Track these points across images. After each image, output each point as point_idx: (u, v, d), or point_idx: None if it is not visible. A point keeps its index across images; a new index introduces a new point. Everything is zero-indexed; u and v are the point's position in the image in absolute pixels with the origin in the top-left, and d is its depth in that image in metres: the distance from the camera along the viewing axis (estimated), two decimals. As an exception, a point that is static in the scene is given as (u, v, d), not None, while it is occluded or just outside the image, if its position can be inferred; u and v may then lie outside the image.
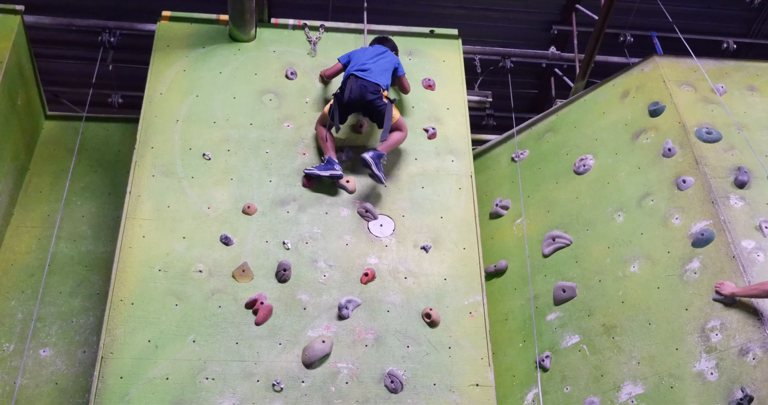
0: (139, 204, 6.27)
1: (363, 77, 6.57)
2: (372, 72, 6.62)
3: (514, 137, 8.20)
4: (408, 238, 6.42)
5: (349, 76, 6.63)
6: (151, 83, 6.98)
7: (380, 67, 6.70)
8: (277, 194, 6.48)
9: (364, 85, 6.53)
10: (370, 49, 6.91)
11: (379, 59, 6.77)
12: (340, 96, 6.58)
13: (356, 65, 6.69)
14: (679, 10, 9.90)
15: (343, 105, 6.56)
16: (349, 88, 6.54)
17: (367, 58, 6.75)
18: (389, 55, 6.88)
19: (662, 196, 6.46)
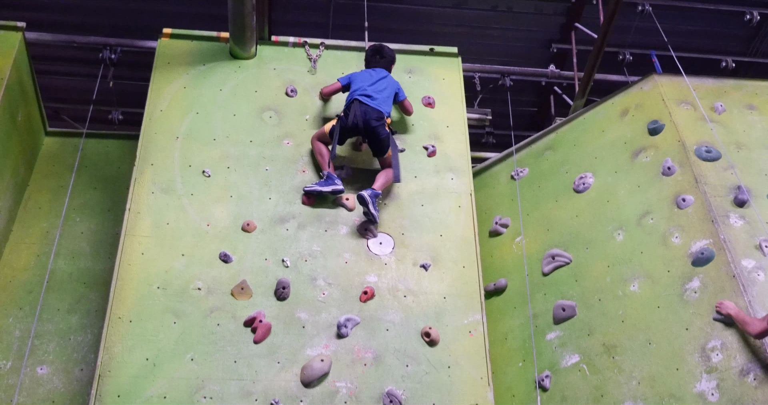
0: (139, 221, 6.25)
1: (367, 103, 6.59)
2: (376, 99, 6.64)
3: (512, 155, 8.19)
4: (407, 256, 6.40)
5: (353, 100, 6.64)
6: (152, 100, 6.97)
7: (384, 94, 6.73)
8: (277, 212, 6.46)
9: (368, 112, 6.55)
10: (372, 73, 6.90)
11: (382, 85, 6.78)
12: (343, 119, 6.58)
13: (359, 90, 6.69)
14: (678, 28, 9.94)
15: (345, 129, 6.57)
16: (354, 113, 6.55)
17: (369, 83, 6.75)
18: (390, 80, 6.90)
19: (662, 214, 6.44)
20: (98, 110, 8.91)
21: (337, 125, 6.58)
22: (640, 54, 9.65)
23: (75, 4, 9.47)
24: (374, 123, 6.52)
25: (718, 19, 10.11)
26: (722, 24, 10.20)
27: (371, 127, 6.53)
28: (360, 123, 6.52)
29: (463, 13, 9.92)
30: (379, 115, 6.57)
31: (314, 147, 6.70)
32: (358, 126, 6.53)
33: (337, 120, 6.62)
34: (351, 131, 6.60)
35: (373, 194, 6.34)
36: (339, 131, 6.56)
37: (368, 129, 6.54)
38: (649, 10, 9.30)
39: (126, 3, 9.48)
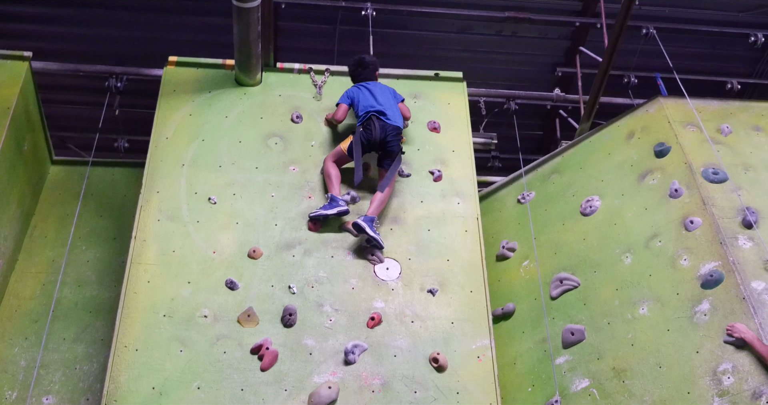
0: (145, 249, 6.26)
1: (384, 119, 6.73)
2: (389, 114, 6.78)
3: (519, 179, 8.20)
4: (414, 281, 6.39)
5: (369, 116, 6.72)
6: (158, 128, 7.02)
7: (393, 107, 6.88)
8: (283, 238, 6.47)
9: (386, 127, 6.68)
10: (369, 87, 6.98)
11: (385, 97, 6.90)
12: (364, 135, 6.66)
13: (370, 106, 6.78)
14: (683, 51, 9.98)
15: (366, 145, 6.67)
16: (374, 129, 6.65)
17: (376, 98, 6.84)
18: (386, 88, 7.03)
19: (670, 237, 6.44)
20: (104, 138, 8.95)
21: (359, 142, 6.64)
22: (645, 77, 9.66)
23: (81, 33, 9.56)
24: (390, 137, 6.68)
25: (723, 41, 10.14)
26: (727, 46, 10.23)
27: (387, 142, 6.67)
28: (379, 137, 6.65)
29: (468, 38, 9.97)
30: (397, 129, 6.75)
31: (325, 168, 6.74)
32: (377, 140, 6.65)
33: (356, 137, 6.68)
34: (370, 146, 6.71)
35: (367, 219, 6.38)
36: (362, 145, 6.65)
37: (384, 142, 6.67)
38: (653, 32, 9.34)
39: (131, 32, 9.56)
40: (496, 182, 8.70)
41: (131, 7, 9.35)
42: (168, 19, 9.49)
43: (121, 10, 9.37)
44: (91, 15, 9.40)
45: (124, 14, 9.42)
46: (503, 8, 9.62)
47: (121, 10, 9.36)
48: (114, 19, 9.47)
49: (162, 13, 9.43)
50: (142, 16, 9.44)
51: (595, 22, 9.49)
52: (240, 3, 6.56)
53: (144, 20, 9.49)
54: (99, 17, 9.43)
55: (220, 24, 9.21)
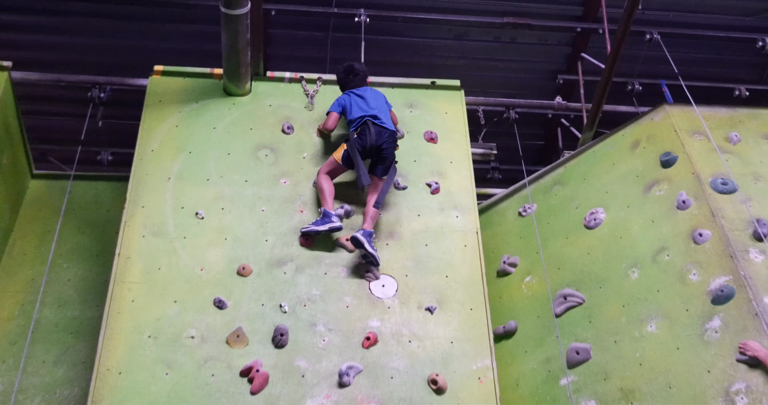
0: (129, 266, 6.22)
1: (379, 124, 6.73)
2: (384, 119, 6.79)
3: (520, 191, 8.19)
4: (412, 298, 6.35)
5: (364, 121, 6.70)
6: (143, 140, 6.99)
7: (385, 112, 6.89)
8: (274, 254, 6.42)
9: (381, 132, 6.68)
10: (361, 93, 6.98)
11: (377, 102, 6.90)
12: (359, 142, 6.63)
13: (363, 112, 6.77)
14: (688, 57, 9.99)
15: (362, 152, 6.65)
16: (369, 135, 6.63)
17: (368, 104, 6.84)
18: (377, 93, 7.04)
19: (678, 250, 6.40)
20: (87, 151, 8.90)
21: (354, 148, 6.61)
22: (650, 84, 9.67)
23: (62, 41, 9.54)
24: (387, 144, 6.67)
25: (730, 46, 10.16)
26: (734, 51, 10.25)
27: (383, 148, 6.65)
28: (375, 143, 6.62)
29: (465, 44, 9.98)
30: (391, 135, 6.74)
31: (318, 181, 6.70)
32: (373, 146, 6.63)
33: (351, 143, 6.65)
34: (365, 153, 6.68)
35: (366, 234, 6.36)
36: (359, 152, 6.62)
37: (380, 149, 6.65)
38: (657, 38, 9.36)
39: (115, 40, 9.55)
40: (496, 194, 8.67)
41: (115, 15, 9.34)
42: (153, 26, 9.48)
43: (105, 17, 9.35)
44: (72, 23, 9.39)
45: (108, 22, 9.40)
46: (502, 14, 9.64)
47: (104, 17, 9.35)
48: (97, 27, 9.46)
49: (147, 21, 9.42)
50: (126, 23, 9.43)
51: (597, 27, 9.53)
52: (228, 10, 6.56)
53: (128, 28, 9.48)
54: (81, 25, 9.42)
55: (208, 32, 9.19)
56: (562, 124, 10.08)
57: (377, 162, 6.72)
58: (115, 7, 9.23)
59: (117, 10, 9.27)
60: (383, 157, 6.69)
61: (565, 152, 8.70)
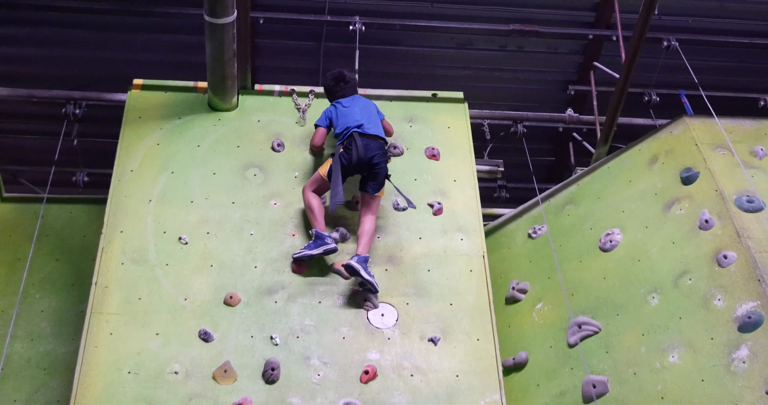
0: (107, 296, 6.22)
1: (367, 133, 6.72)
2: (371, 128, 6.78)
3: (529, 211, 8.20)
4: (413, 328, 6.35)
5: (350, 134, 6.71)
6: (121, 159, 7.02)
7: (373, 120, 6.88)
8: (264, 282, 6.43)
9: (369, 144, 6.68)
10: (349, 102, 7.00)
11: (366, 111, 6.92)
12: (344, 155, 6.64)
13: (350, 122, 6.78)
14: (709, 65, 10.03)
15: (348, 167, 6.64)
16: (356, 148, 6.62)
17: (356, 113, 6.85)
18: (367, 102, 7.06)
19: (701, 274, 6.41)
20: (61, 172, 8.93)
21: (338, 163, 6.62)
22: (668, 94, 9.71)
23: (34, 54, 9.58)
24: (377, 158, 6.66)
25: (753, 53, 10.20)
26: (758, 59, 10.29)
27: (374, 163, 6.64)
28: (364, 157, 6.61)
29: (469, 54, 10.02)
30: (381, 145, 6.74)
31: (305, 199, 6.71)
32: (361, 161, 6.61)
33: (336, 158, 6.66)
34: (352, 169, 6.67)
35: (361, 260, 6.36)
36: (342, 170, 6.61)
37: (371, 164, 6.64)
38: (675, 45, 9.39)
39: (91, 52, 9.59)
40: (503, 215, 8.68)
41: (90, 25, 9.38)
42: (132, 37, 9.53)
43: (80, 28, 9.40)
44: (45, 34, 9.43)
45: (83, 33, 9.45)
46: (507, 20, 9.67)
47: (79, 28, 9.40)
48: (72, 39, 9.50)
49: (125, 32, 9.46)
50: (103, 34, 9.48)
51: (611, 34, 9.57)
52: (213, 18, 6.60)
53: (105, 39, 9.52)
54: (54, 37, 9.46)
55: (191, 42, 9.25)
56: (573, 139, 10.11)
57: (368, 177, 6.71)
58: (90, 17, 9.27)
59: (93, 20, 9.31)
60: (374, 173, 6.68)
61: (577, 169, 8.73)
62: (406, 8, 9.62)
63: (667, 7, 9.45)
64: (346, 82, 7.18)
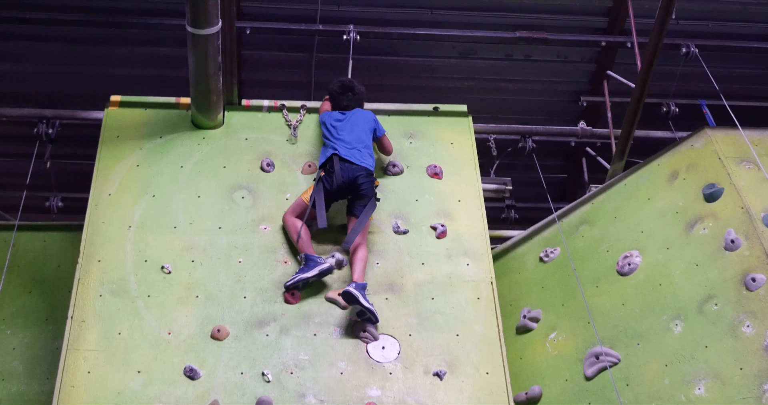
0: (84, 331, 6.21)
1: (350, 159, 6.77)
2: (355, 155, 6.82)
3: (541, 232, 8.21)
4: (417, 362, 6.34)
5: (331, 156, 6.77)
6: (98, 182, 7.03)
7: (362, 141, 6.92)
8: (254, 313, 6.43)
9: (352, 169, 6.73)
10: (345, 117, 7.08)
11: (358, 129, 6.98)
12: (326, 180, 6.69)
13: (336, 142, 6.85)
14: (731, 72, 10.07)
15: (331, 191, 6.70)
16: (337, 172, 6.69)
17: (346, 131, 6.93)
18: (364, 117, 7.10)
19: (728, 298, 6.41)
20: (33, 197, 8.93)
21: (320, 186, 6.68)
22: (688, 105, 9.73)
23: (2, 70, 9.62)
24: (361, 179, 6.73)
25: (780, 59, 10.26)
26: (785, 66, 10.35)
27: (357, 184, 6.72)
28: (346, 181, 6.69)
29: (472, 63, 10.06)
30: (365, 171, 6.78)
31: (287, 225, 6.76)
32: (342, 186, 6.69)
33: (317, 183, 6.70)
34: (336, 192, 6.74)
35: (359, 287, 6.37)
36: (325, 194, 6.67)
37: (354, 186, 6.72)
38: (695, 52, 9.41)
39: (64, 67, 9.63)
40: (512, 237, 8.68)
41: (64, 38, 9.43)
42: (109, 51, 9.57)
43: (52, 41, 9.45)
44: (15, 48, 9.49)
45: (56, 46, 9.50)
46: (513, 27, 9.69)
47: (51, 41, 9.45)
48: (44, 53, 9.55)
49: (101, 45, 9.51)
50: (77, 48, 9.52)
51: (625, 41, 9.59)
52: (195, 29, 6.62)
53: (80, 53, 9.57)
54: (24, 51, 9.51)
55: (172, 55, 9.30)
56: (587, 154, 10.13)
57: (354, 200, 6.77)
58: (63, 30, 9.32)
59: (66, 32, 9.36)
60: (360, 195, 6.73)
61: (591, 186, 8.74)
62: (403, 16, 9.67)
63: (685, 10, 9.50)
64: (355, 93, 7.28)
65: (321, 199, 6.64)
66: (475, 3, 9.61)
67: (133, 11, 9.23)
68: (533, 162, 9.31)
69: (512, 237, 8.72)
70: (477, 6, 9.65)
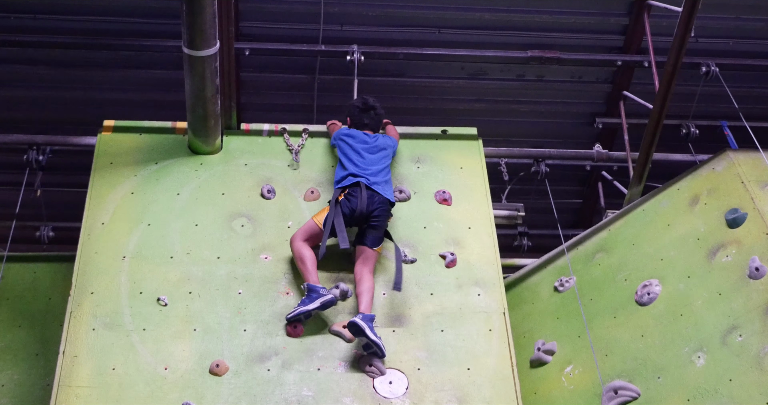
0: (76, 367, 6.22)
1: (375, 189, 6.82)
2: (381, 182, 6.89)
3: (555, 261, 8.21)
4: (426, 397, 6.33)
5: (356, 183, 6.80)
6: (91, 211, 7.06)
7: (383, 170, 6.99)
8: (254, 347, 6.44)
9: (375, 198, 6.79)
10: (367, 140, 7.12)
11: (379, 156, 7.04)
12: (347, 204, 6.72)
13: (356, 168, 6.88)
14: (753, 92, 10.10)
15: (349, 218, 6.74)
16: (363, 201, 6.74)
17: (366, 157, 6.97)
18: (384, 144, 7.16)
19: (753, 329, 6.41)
20: (23, 226, 8.97)
21: (337, 212, 6.71)
22: (709, 126, 9.76)
23: (-9, 96, 9.69)
24: (378, 212, 6.77)
25: (805, 78, 10.28)
26: (810, 84, 10.37)
27: (374, 216, 6.75)
28: (366, 210, 6.73)
29: (483, 85, 10.11)
30: (385, 201, 6.83)
31: (295, 250, 6.75)
32: (362, 214, 6.73)
33: (335, 206, 6.73)
34: (351, 220, 6.78)
35: (367, 318, 6.37)
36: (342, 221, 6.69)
37: (370, 216, 6.75)
38: (715, 71, 9.44)
39: (55, 91, 9.68)
40: (525, 266, 8.69)
41: (55, 62, 9.50)
42: (101, 74, 9.63)
43: (43, 65, 9.52)
44: (3, 72, 9.55)
45: (47, 70, 9.57)
46: (525, 47, 9.74)
47: (42, 64, 9.51)
48: (34, 76, 9.62)
49: (94, 68, 9.57)
50: (68, 71, 9.59)
51: (642, 60, 9.63)
52: (192, 51, 6.66)
53: (71, 77, 9.63)
54: (14, 75, 9.58)
55: (168, 78, 9.35)
56: (603, 178, 10.14)
57: (366, 230, 6.79)
58: (54, 53, 9.39)
59: (57, 55, 9.43)
60: (373, 226, 6.77)
61: (608, 212, 8.75)
62: (409, 35, 9.72)
63: (705, 28, 9.53)
64: (377, 114, 7.40)
65: (341, 222, 6.67)
66: (485, 22, 9.67)
67: (126, 33, 9.29)
68: (546, 187, 9.33)
69: (525, 266, 8.73)
70: (487, 25, 9.70)
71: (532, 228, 10.30)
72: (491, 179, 7.76)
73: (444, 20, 9.66)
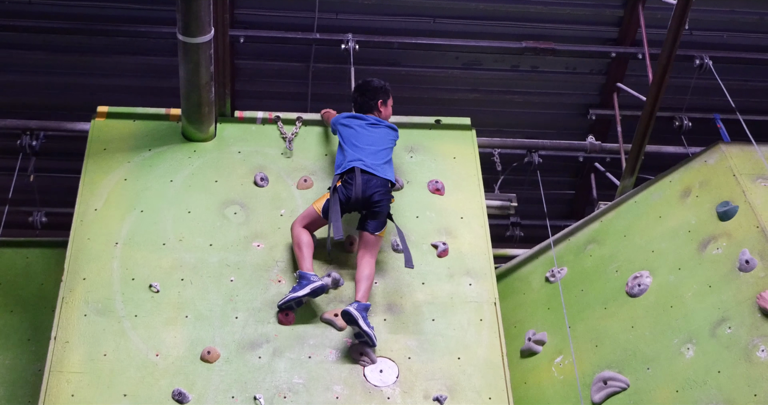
0: (67, 352, 6.22)
1: (372, 172, 6.74)
2: (378, 165, 6.80)
3: (547, 251, 8.22)
4: (416, 386, 6.35)
5: (351, 168, 6.76)
6: (84, 197, 7.05)
7: (383, 152, 6.91)
8: (246, 335, 6.44)
9: (371, 181, 6.70)
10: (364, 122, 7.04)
11: (378, 139, 6.96)
12: (343, 191, 6.70)
13: (359, 153, 6.82)
14: (747, 85, 10.11)
15: (346, 204, 6.70)
16: (356, 185, 6.67)
17: (367, 142, 6.90)
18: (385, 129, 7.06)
19: (742, 321, 6.42)
20: (15, 212, 8.95)
21: (336, 199, 6.67)
22: (702, 119, 9.76)
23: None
24: (378, 196, 6.68)
25: (799, 72, 10.29)
26: (802, 78, 10.38)
27: (374, 201, 6.67)
28: (364, 195, 6.65)
29: (476, 75, 10.09)
30: (384, 183, 6.75)
31: (294, 235, 6.74)
32: (359, 199, 6.66)
33: (333, 192, 6.71)
34: (351, 205, 6.72)
35: (361, 308, 6.36)
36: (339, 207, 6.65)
37: (369, 202, 6.68)
38: (709, 64, 9.42)
39: (49, 77, 9.65)
40: (517, 256, 8.71)
41: (48, 47, 9.46)
42: (96, 60, 9.60)
43: (36, 50, 9.47)
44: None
45: (40, 55, 9.53)
46: (520, 37, 9.72)
47: (36, 50, 9.47)
48: (28, 62, 9.59)
49: (88, 53, 9.54)
50: (62, 57, 9.56)
51: (636, 52, 9.62)
52: (187, 37, 6.64)
53: (65, 62, 9.60)
54: (10, 59, 9.55)
55: (162, 65, 9.33)
56: (596, 170, 10.15)
57: (368, 216, 6.74)
58: (48, 38, 9.34)
59: (51, 40, 9.39)
60: (375, 211, 6.71)
61: (600, 203, 8.77)
62: (404, 24, 9.69)
63: (699, 21, 9.51)
64: (363, 94, 7.26)
65: (337, 211, 6.64)
66: (480, 12, 9.64)
67: (120, 19, 9.25)
68: (539, 178, 9.33)
69: (517, 256, 8.74)
70: (482, 15, 9.67)
71: (524, 218, 10.30)
72: (484, 169, 7.77)
73: (439, 10, 9.63)
